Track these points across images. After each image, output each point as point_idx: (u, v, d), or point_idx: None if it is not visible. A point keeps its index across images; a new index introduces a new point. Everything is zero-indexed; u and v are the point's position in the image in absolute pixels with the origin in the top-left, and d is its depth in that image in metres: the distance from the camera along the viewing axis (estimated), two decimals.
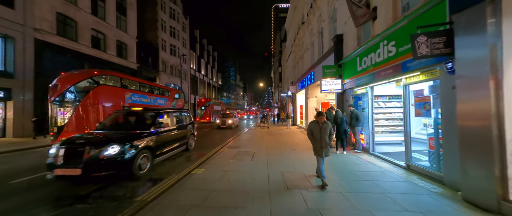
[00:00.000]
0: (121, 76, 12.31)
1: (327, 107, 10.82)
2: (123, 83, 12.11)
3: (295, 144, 9.26)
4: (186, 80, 38.28)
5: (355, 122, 6.76)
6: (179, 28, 35.41)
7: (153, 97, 14.77)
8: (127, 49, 22.78)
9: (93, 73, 10.47)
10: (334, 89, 8.62)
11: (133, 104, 12.20)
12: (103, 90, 10.34)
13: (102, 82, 10.59)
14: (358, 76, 7.08)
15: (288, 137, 12.11)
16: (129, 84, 12.81)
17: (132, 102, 12.23)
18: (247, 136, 12.52)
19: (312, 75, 13.47)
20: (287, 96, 27.99)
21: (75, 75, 10.09)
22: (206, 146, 9.34)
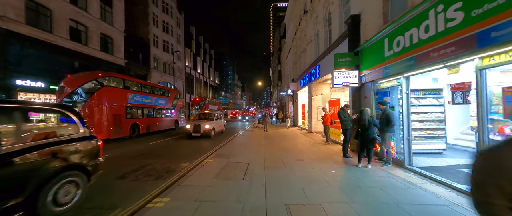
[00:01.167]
0: (124, 77, 13.02)
1: (336, 105, 9.07)
2: (126, 84, 12.74)
3: (300, 151, 7.49)
4: (180, 78, 36.44)
5: (386, 125, 5.01)
6: (173, 23, 33.54)
7: (154, 98, 15.51)
8: (113, 43, 20.90)
9: (97, 75, 10.96)
10: (350, 83, 6.87)
11: (135, 104, 13.11)
12: (107, 91, 10.90)
13: (106, 84, 11.08)
14: (386, 63, 5.33)
15: (289, 141, 10.34)
16: (131, 85, 13.49)
17: (135, 103, 13.00)
18: (242, 140, 10.74)
19: (317, 70, 11.72)
20: (287, 95, 26.24)
21: (81, 77, 10.52)
22: (187, 154, 7.55)
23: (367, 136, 4.99)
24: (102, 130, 10.14)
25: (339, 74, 6.96)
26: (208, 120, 12.59)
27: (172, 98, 18.50)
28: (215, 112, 13.76)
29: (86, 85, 10.35)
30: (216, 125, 12.90)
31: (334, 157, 6.49)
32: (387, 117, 5.03)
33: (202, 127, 11.36)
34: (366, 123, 4.95)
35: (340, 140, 8.76)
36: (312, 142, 9.61)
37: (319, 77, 11.59)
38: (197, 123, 11.55)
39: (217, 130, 13.21)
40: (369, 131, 4.99)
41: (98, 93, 10.39)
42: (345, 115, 6.10)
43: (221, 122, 14.56)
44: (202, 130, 11.31)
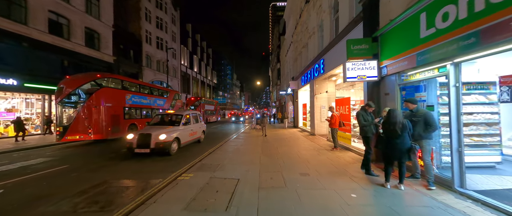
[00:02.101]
0: (122, 78, 13.01)
1: (345, 105, 7.68)
2: (124, 85, 12.72)
3: (304, 161, 6.10)
4: (176, 77, 35.01)
5: (425, 130, 3.64)
6: (168, 19, 32.09)
7: (152, 98, 15.51)
8: (100, 38, 19.44)
9: (96, 76, 11.07)
10: (366, 76, 5.48)
11: (133, 105, 13.13)
12: (105, 92, 10.98)
13: (104, 84, 11.16)
14: (422, 47, 3.95)
15: (291, 146, 8.95)
16: (129, 86, 13.44)
17: (133, 103, 13.06)
18: (236, 145, 9.33)
19: (321, 64, 10.35)
20: (287, 94, 24.86)
21: (79, 78, 10.69)
22: (164, 165, 6.14)
23: (399, 146, 3.60)
24: (100, 131, 10.47)
25: (353, 65, 5.56)
26: (170, 125, 8.17)
27: (171, 98, 18.54)
28: (185, 113, 9.06)
29: (85, 86, 10.49)
30: (184, 133, 8.30)
31: (348, 169, 5.10)
32: (427, 119, 3.65)
33: (154, 138, 6.81)
34: (399, 127, 3.56)
35: (350, 146, 7.38)
36: (317, 148, 8.22)
37: (323, 72, 10.21)
38: (146, 132, 7.05)
39: (186, 140, 8.48)
40: (402, 139, 3.60)
41: (96, 94, 10.50)
42: (367, 118, 4.67)
43: (197, 128, 9.72)
44: (153, 142, 6.75)
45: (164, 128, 7.62)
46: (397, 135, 3.61)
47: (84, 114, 10.18)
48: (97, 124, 10.33)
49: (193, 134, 9.31)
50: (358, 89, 9.33)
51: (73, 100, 10.37)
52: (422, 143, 3.72)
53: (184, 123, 8.53)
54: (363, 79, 5.53)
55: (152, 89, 16.30)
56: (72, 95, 10.33)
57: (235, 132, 15.34)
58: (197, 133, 9.72)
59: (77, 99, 10.37)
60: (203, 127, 10.60)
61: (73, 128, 10.01)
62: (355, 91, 9.68)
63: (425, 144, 3.71)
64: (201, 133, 10.27)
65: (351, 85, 9.79)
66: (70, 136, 10.00)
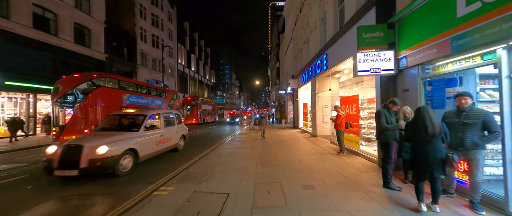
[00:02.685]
0: (119, 78, 12.89)
1: (352, 104, 6.84)
2: (121, 85, 12.65)
3: (307, 169, 5.25)
4: (173, 76, 34.13)
5: (481, 137, 2.79)
6: (164, 17, 31.19)
7: (150, 98, 15.38)
8: (90, 35, 18.55)
9: (92, 76, 10.99)
10: (381, 69, 4.63)
11: (131, 105, 12.70)
12: (101, 92, 10.87)
13: (101, 84, 11.08)
14: (459, 29, 3.12)
15: (291, 149, 8.10)
16: (127, 86, 13.39)
17: (130, 103, 12.75)
18: (230, 149, 8.47)
19: (324, 60, 9.51)
20: (286, 93, 24.04)
21: (76, 78, 10.54)
22: (143, 171, 5.28)
23: (431, 155, 2.76)
24: None
25: (365, 56, 4.71)
26: (125, 130, 5.78)
27: (169, 98, 18.49)
28: (151, 112, 6.73)
29: (81, 85, 10.39)
30: (147, 142, 5.89)
31: (361, 180, 4.25)
32: (486, 122, 2.72)
33: (88, 152, 4.50)
34: (433, 132, 2.71)
35: (358, 150, 6.54)
36: (320, 151, 7.37)
37: (326, 69, 9.37)
38: (76, 142, 4.73)
39: (150, 152, 6.00)
40: (435, 146, 2.76)
41: (93, 93, 10.41)
42: (391, 119, 3.72)
43: (171, 133, 7.30)
44: (85, 159, 4.43)
45: (114, 135, 5.26)
46: (427, 141, 2.76)
47: (80, 114, 9.99)
48: (93, 124, 9.90)
49: (164, 142, 6.73)
50: (363, 87, 8.50)
51: (69, 100, 10.19)
52: (474, 154, 2.82)
53: (147, 127, 6.09)
54: (377, 73, 4.68)
55: (149, 88, 16.15)
56: (69, 95, 10.18)
57: (232, 133, 14.48)
58: (171, 140, 7.17)
59: (74, 99, 10.19)
60: (182, 131, 8.21)
61: (70, 128, 9.80)
62: (360, 89, 8.86)
63: (478, 156, 2.79)
64: (178, 139, 7.77)
65: (356, 83, 8.97)
66: (66, 136, 9.49)
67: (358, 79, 8.92)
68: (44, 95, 14.68)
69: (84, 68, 17.10)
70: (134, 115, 6.54)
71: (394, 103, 3.76)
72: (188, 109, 26.33)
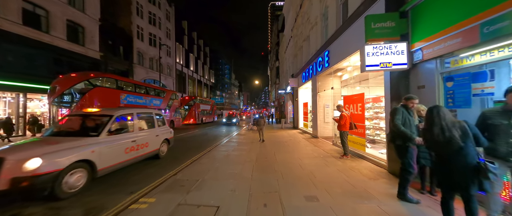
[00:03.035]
0: (117, 78, 12.78)
1: (357, 103, 6.33)
2: (119, 84, 12.54)
3: (309, 175, 4.73)
4: (171, 76, 33.60)
5: None
6: (161, 15, 30.65)
7: (148, 98, 15.32)
8: (84, 33, 18.01)
9: (89, 75, 10.81)
10: (392, 64, 4.12)
11: (128, 105, 12.60)
12: (98, 92, 10.73)
13: (98, 84, 10.93)
14: (494, 12, 2.60)
15: (291, 152, 7.58)
16: (125, 86, 13.26)
17: (128, 103, 12.69)
18: (226, 151, 7.96)
19: (326, 57, 9.00)
20: (286, 93, 23.53)
21: (72, 78, 10.32)
22: (124, 177, 4.76)
23: (461, 165, 2.22)
24: None
25: (374, 49, 4.20)
26: (76, 137, 4.36)
27: (167, 98, 18.49)
28: (119, 112, 5.25)
29: (78, 85, 10.22)
30: (112, 150, 4.62)
31: (370, 189, 3.74)
32: None
33: (12, 168, 3.21)
34: (462, 137, 2.18)
35: (364, 153, 6.02)
36: (322, 154, 6.85)
37: (328, 66, 8.87)
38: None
39: (116, 162, 4.71)
40: (464, 154, 2.22)
41: (90, 93, 10.28)
42: (409, 119, 3.12)
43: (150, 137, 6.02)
44: (7, 176, 3.15)
45: (61, 142, 3.92)
46: (455, 148, 2.23)
47: None
48: None
49: (139, 148, 5.39)
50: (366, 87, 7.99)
51: (66, 100, 10.08)
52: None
53: (112, 131, 4.71)
54: (387, 68, 4.17)
55: (148, 88, 16.10)
56: (65, 95, 10.06)
57: (230, 134, 13.96)
58: (149, 146, 5.81)
59: (70, 99, 10.09)
60: (165, 135, 6.79)
61: None
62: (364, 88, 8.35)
63: None
64: (160, 145, 6.41)
65: (359, 82, 8.46)
66: None
67: (362, 77, 8.42)
68: (35, 94, 14.19)
69: (78, 67, 16.58)
70: (96, 116, 5.13)
71: (411, 99, 3.17)
72: (185, 109, 25.80)
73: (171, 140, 7.36)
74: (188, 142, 10.44)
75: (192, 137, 12.46)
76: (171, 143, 7.37)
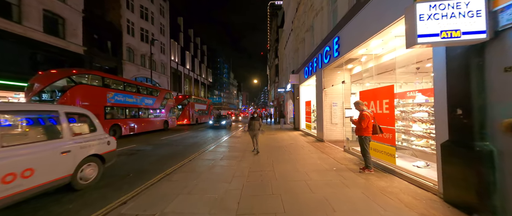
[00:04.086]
0: (104, 75, 12.02)
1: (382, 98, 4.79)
2: (106, 82, 11.78)
3: (322, 203, 3.20)
4: (165, 74, 31.99)
5: None
6: (154, 10, 29.06)
7: (139, 97, 14.46)
8: (65, 25, 16.41)
9: (71, 72, 10.12)
10: (462, 32, 2.56)
11: (117, 104, 12.13)
12: (81, 90, 10.02)
13: (82, 82, 10.24)
14: None
15: (293, 160, 6.03)
16: (112, 84, 12.46)
17: (116, 102, 12.08)
18: (212, 160, 6.40)
19: (335, 45, 7.46)
20: (286, 91, 22.00)
21: (52, 75, 9.68)
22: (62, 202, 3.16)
23: None
24: None
25: (431, 9, 2.64)
26: None
27: (161, 97, 17.61)
28: None
29: (58, 82, 9.47)
30: None
31: None
32: None
33: None
34: None
35: (394, 167, 4.46)
36: (333, 165, 5.30)
37: (338, 56, 7.33)
38: None
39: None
40: None
41: (71, 91, 9.48)
42: None
43: (37, 157, 3.15)
44: None
45: None
46: None
47: None
48: None
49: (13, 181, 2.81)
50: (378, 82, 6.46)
51: (44, 98, 9.26)
52: None
53: None
54: (453, 39, 2.61)
55: (139, 87, 15.27)
56: (43, 93, 9.23)
57: (222, 137, 12.38)
58: (34, 174, 3.06)
59: (49, 98, 9.26)
60: (92, 148, 4.07)
61: None
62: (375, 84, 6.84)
63: None
64: (74, 168, 3.72)
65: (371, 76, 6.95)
66: None
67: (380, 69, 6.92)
68: (5, 92, 12.62)
69: (58, 62, 15.09)
70: None
71: None
72: (179, 109, 24.23)
73: (110, 156, 4.55)
74: (171, 147, 8.88)
75: (178, 141, 10.89)
76: (111, 160, 4.61)
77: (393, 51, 5.80)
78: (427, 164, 4.28)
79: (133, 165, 5.84)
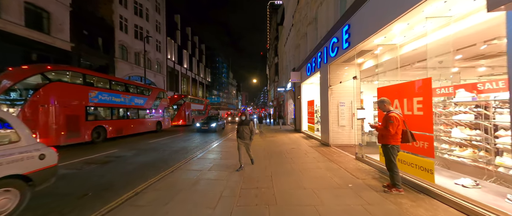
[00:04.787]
0: (85, 72, 11.04)
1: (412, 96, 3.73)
2: (88, 80, 10.81)
3: None
4: (161, 73, 30.90)
5: None
6: (149, 6, 27.97)
7: (128, 96, 13.45)
8: (50, 19, 15.34)
9: (45, 68, 9.05)
10: None
11: (101, 104, 11.20)
12: (57, 88, 9.01)
13: (56, 78, 9.21)
14: None
15: (295, 171, 4.97)
16: (96, 82, 11.45)
17: (99, 102, 11.08)
18: (198, 171, 5.34)
19: (344, 34, 6.40)
20: (286, 91, 20.95)
21: (23, 71, 8.71)
22: None
23: None
24: (49, 135, 8.41)
25: None
26: None
27: (153, 97, 16.57)
28: None
29: (30, 79, 8.55)
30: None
31: None
32: None
33: None
34: None
35: (433, 186, 3.39)
36: (348, 179, 4.24)
37: (348, 47, 6.28)
38: None
39: None
40: None
41: (45, 89, 8.54)
42: None
43: None
44: None
45: None
46: None
47: (27, 114, 8.08)
48: (44, 127, 8.36)
49: None
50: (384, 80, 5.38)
51: (14, 97, 8.44)
52: None
53: None
54: None
55: (128, 85, 14.18)
56: (13, 91, 8.40)
57: (216, 140, 11.31)
58: None
59: (19, 96, 8.44)
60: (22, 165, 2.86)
61: None
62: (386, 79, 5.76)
63: None
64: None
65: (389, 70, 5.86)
66: None
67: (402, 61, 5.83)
68: None
69: (42, 59, 14.08)
70: None
71: None
72: (174, 109, 23.17)
73: (45, 175, 3.21)
74: (156, 152, 7.81)
75: (167, 144, 9.82)
76: (46, 180, 3.27)
77: (417, 39, 4.76)
78: (476, 182, 3.22)
79: (100, 178, 4.77)
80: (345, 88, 7.81)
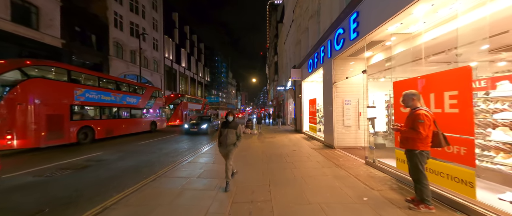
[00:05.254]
0: (69, 68, 10.18)
1: (443, 89, 3.03)
2: (73, 76, 10.03)
3: None
4: (158, 71, 30.19)
5: None
6: (146, 3, 27.26)
7: (119, 95, 12.75)
8: (39, 14, 14.62)
9: (23, 63, 8.39)
10: None
11: (88, 102, 10.56)
12: (36, 84, 8.37)
13: (36, 74, 8.60)
14: None
15: (298, 180, 4.27)
16: (82, 79, 10.75)
17: (86, 100, 10.42)
18: (186, 178, 4.65)
19: (352, 23, 5.71)
20: (286, 89, 20.25)
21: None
22: None
23: None
24: (27, 136, 7.86)
25: None
26: None
27: (148, 96, 15.88)
28: None
29: (6, 75, 7.89)
30: None
31: None
32: None
33: None
34: None
35: (474, 202, 2.68)
36: (361, 191, 3.55)
37: (356, 37, 5.59)
38: None
39: None
40: None
41: (22, 86, 7.93)
42: None
43: None
44: None
45: None
46: None
47: (2, 113, 7.51)
48: (22, 127, 7.78)
49: None
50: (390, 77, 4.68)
51: None
52: None
53: None
54: None
55: (119, 83, 13.48)
56: None
57: (208, 143, 10.60)
58: None
59: None
60: None
61: None
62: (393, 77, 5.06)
63: None
64: None
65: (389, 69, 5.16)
66: None
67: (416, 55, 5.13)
68: None
69: (30, 56, 13.37)
70: None
71: None
72: (171, 109, 22.47)
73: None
74: (143, 155, 7.10)
75: (157, 146, 9.12)
76: None
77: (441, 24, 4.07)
78: None
79: (67, 188, 4.06)
80: (352, 85, 7.12)
